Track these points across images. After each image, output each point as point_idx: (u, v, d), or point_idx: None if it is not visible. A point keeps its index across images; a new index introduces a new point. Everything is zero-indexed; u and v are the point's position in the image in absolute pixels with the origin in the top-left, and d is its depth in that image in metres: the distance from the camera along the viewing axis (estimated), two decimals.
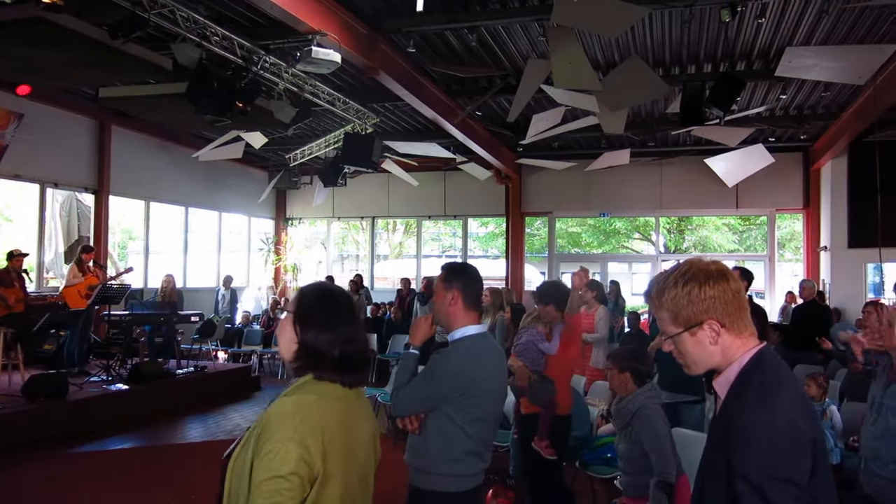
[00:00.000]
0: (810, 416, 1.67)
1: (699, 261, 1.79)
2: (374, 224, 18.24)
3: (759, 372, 1.69)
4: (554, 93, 8.74)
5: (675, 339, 1.78)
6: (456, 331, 2.92)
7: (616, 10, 6.40)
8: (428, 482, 2.85)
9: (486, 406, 2.85)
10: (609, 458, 5.05)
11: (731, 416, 1.65)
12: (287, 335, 2.00)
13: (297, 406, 1.84)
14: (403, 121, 13.03)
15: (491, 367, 2.91)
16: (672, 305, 1.76)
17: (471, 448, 2.82)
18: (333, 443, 1.84)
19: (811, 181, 14.48)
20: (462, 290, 2.93)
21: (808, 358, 8.00)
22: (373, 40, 8.41)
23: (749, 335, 1.76)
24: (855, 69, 7.89)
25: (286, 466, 1.73)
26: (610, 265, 16.78)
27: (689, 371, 1.81)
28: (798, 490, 1.54)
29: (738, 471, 1.56)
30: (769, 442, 1.55)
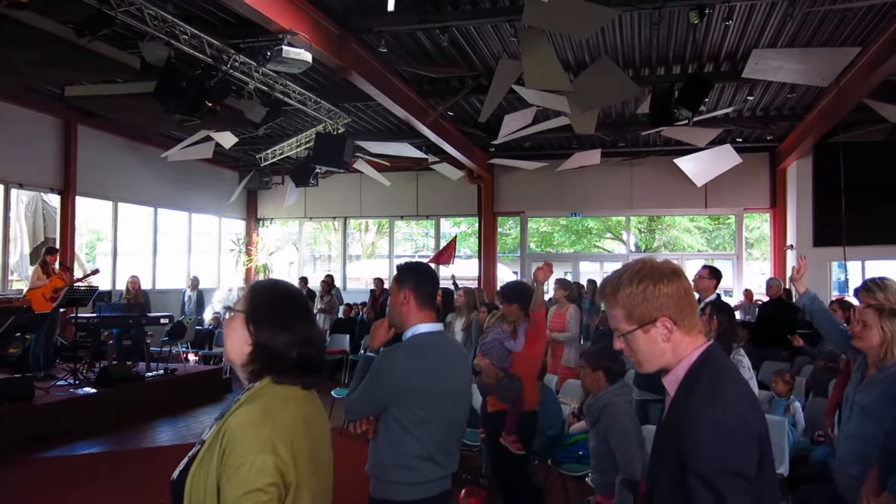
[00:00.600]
0: (757, 410, 1.72)
1: (652, 260, 1.83)
2: (346, 224, 18.17)
3: (708, 369, 1.72)
4: (525, 93, 8.78)
5: (628, 337, 1.80)
6: (408, 330, 2.88)
7: (586, 12, 6.45)
8: (380, 490, 2.76)
9: (431, 407, 2.73)
10: (581, 455, 5.08)
11: (680, 413, 1.68)
12: (238, 336, 1.85)
13: (266, 413, 1.72)
14: (375, 121, 13.00)
15: (437, 367, 2.79)
16: (627, 303, 1.78)
17: (420, 452, 2.70)
18: (301, 449, 1.74)
19: (778, 181, 14.74)
20: (414, 289, 2.88)
21: (774, 355, 8.13)
22: (344, 40, 8.38)
23: (697, 333, 1.79)
24: (819, 71, 8.04)
25: (264, 478, 1.63)
26: (582, 264, 16.90)
27: (640, 369, 1.84)
28: (747, 483, 1.57)
29: (690, 466, 1.58)
30: (719, 437, 1.58)
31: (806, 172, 13.60)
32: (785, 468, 5.16)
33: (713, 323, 4.58)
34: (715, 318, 4.66)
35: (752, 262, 16.00)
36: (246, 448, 1.64)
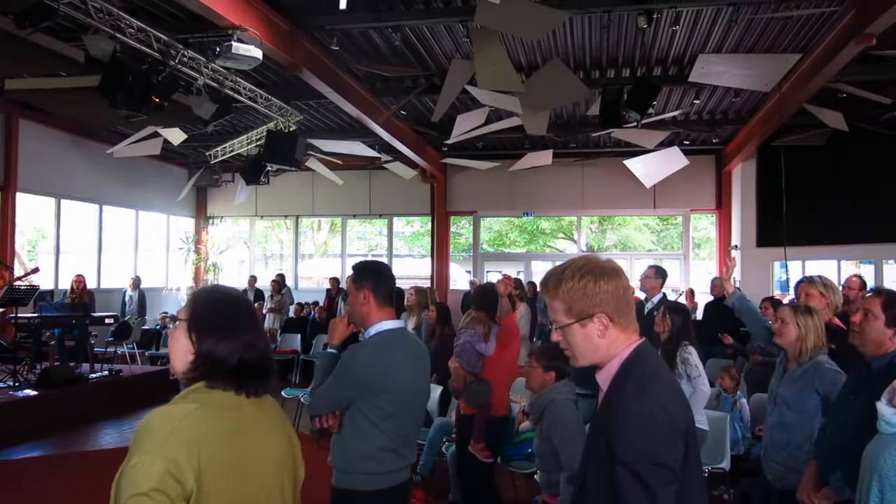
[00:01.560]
0: (684, 406, 1.79)
1: (595, 257, 1.89)
2: (298, 223, 18.01)
3: (639, 365, 1.79)
4: (478, 93, 8.83)
5: (565, 330, 1.85)
6: (371, 327, 2.95)
7: (537, 14, 6.54)
8: (345, 481, 2.85)
9: (398, 401, 2.84)
10: (529, 453, 5.14)
11: (612, 407, 1.74)
12: (182, 345, 1.80)
13: (171, 416, 1.66)
14: (328, 119, 12.91)
15: (402, 361, 2.90)
16: (567, 297, 1.83)
17: (386, 444, 2.81)
18: (213, 458, 1.64)
19: (723, 183, 15.10)
20: (373, 288, 2.95)
21: (719, 352, 8.35)
22: (295, 37, 8.30)
23: (632, 331, 1.85)
24: (762, 77, 8.29)
25: (148, 482, 1.55)
26: (534, 264, 17.06)
27: (575, 363, 1.90)
28: (672, 474, 1.64)
29: (618, 457, 1.64)
30: (646, 429, 1.64)
31: (750, 175, 13.96)
32: (727, 462, 5.31)
33: (667, 322, 4.68)
34: (668, 318, 4.76)
35: (698, 261, 16.37)
36: (142, 449, 1.60)
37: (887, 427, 2.28)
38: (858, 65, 8.77)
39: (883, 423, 2.30)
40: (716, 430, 5.34)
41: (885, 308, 2.95)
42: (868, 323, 2.99)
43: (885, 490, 2.21)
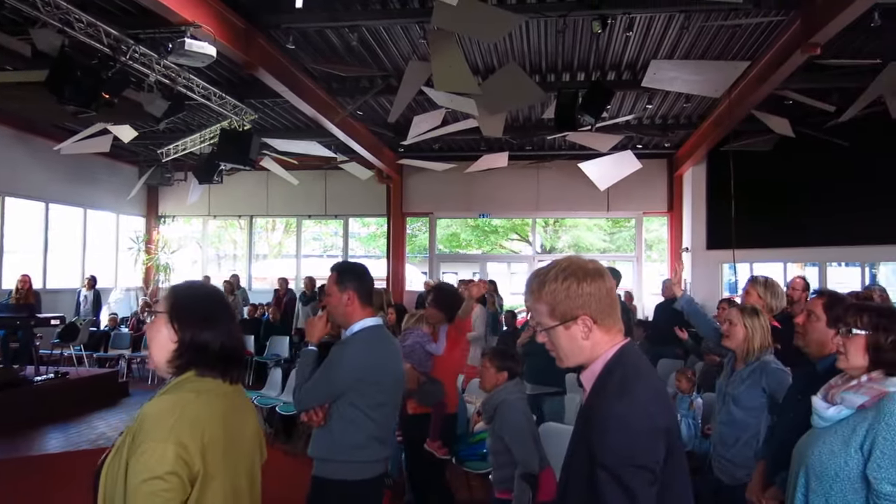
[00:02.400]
0: (666, 406, 1.80)
1: (578, 258, 1.89)
2: (252, 223, 17.80)
3: (621, 366, 1.79)
4: (434, 95, 8.85)
5: (550, 332, 1.86)
6: (355, 324, 3.07)
7: (494, 17, 6.59)
8: (331, 471, 2.96)
9: (386, 391, 3.03)
10: (484, 453, 5.17)
11: (594, 407, 1.74)
12: (162, 336, 1.91)
13: (174, 404, 1.78)
14: (283, 118, 12.79)
15: (388, 355, 3.10)
16: (551, 299, 1.83)
17: (376, 433, 2.97)
18: (214, 441, 1.79)
19: (675, 186, 15.42)
20: (357, 289, 3.08)
21: (669, 352, 8.51)
22: (250, 35, 8.21)
23: (617, 332, 1.86)
24: (712, 83, 8.47)
25: (163, 466, 1.68)
26: (489, 265, 17.16)
27: (561, 363, 1.90)
28: (652, 476, 1.64)
29: (597, 459, 1.64)
30: (626, 431, 1.64)
31: (700, 178, 14.26)
32: None
33: None
34: None
35: (650, 263, 16.64)
36: (151, 436, 1.70)
37: (819, 421, 2.35)
38: (804, 73, 9.03)
39: (816, 417, 2.37)
40: None
41: (827, 309, 3.03)
42: (811, 324, 3.07)
43: (811, 480, 2.28)
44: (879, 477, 2.13)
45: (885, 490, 2.12)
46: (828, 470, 2.24)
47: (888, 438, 2.13)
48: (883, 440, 2.14)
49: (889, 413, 2.15)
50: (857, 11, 6.51)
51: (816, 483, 2.27)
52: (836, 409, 2.29)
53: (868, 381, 2.26)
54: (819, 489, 2.26)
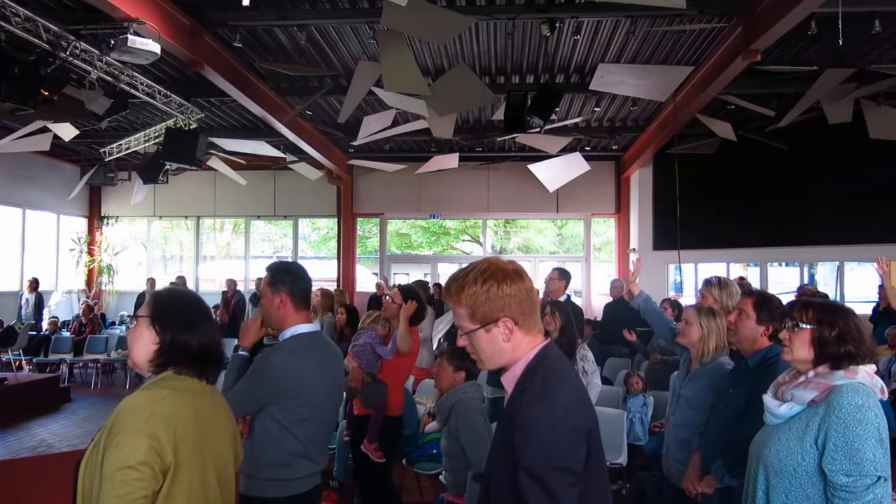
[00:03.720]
0: (587, 407, 1.80)
1: (498, 260, 1.87)
2: (199, 223, 17.47)
3: (543, 367, 1.78)
4: (385, 95, 8.82)
5: (471, 336, 1.84)
6: (286, 330, 2.88)
7: (443, 18, 6.60)
8: (254, 488, 2.78)
9: (312, 406, 2.79)
10: (434, 454, 5.18)
11: (516, 410, 1.73)
12: (145, 338, 2.03)
13: (150, 399, 1.88)
14: (231, 117, 12.59)
15: (317, 367, 2.85)
16: (471, 302, 1.81)
17: (298, 450, 2.75)
18: (187, 435, 1.89)
19: (622, 188, 15.68)
20: (290, 291, 2.88)
21: (616, 351, 8.65)
22: (196, 32, 8.06)
23: (537, 332, 1.86)
24: (657, 87, 8.64)
25: (136, 456, 1.77)
26: (440, 266, 17.17)
27: (482, 366, 1.90)
28: (574, 477, 1.64)
29: (520, 462, 1.64)
30: (548, 434, 1.64)
31: (647, 181, 14.54)
32: (624, 458, 5.51)
33: (556, 321, 4.80)
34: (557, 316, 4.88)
35: (599, 263, 16.87)
36: (126, 428, 1.80)
37: (772, 418, 2.42)
38: (746, 78, 9.29)
39: (768, 415, 2.43)
40: (613, 426, 5.54)
41: (757, 307, 3.15)
42: (742, 321, 3.18)
43: (771, 477, 2.35)
44: (834, 469, 2.19)
45: (840, 482, 2.18)
46: (786, 466, 2.30)
47: (839, 431, 2.19)
48: (835, 433, 2.20)
49: (838, 406, 2.22)
50: (795, 20, 6.72)
51: (776, 480, 2.33)
52: (787, 406, 2.35)
53: (815, 377, 2.33)
54: (779, 486, 2.32)
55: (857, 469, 2.17)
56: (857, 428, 2.18)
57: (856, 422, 2.19)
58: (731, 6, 7.55)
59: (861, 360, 2.32)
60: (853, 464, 2.17)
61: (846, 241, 11.46)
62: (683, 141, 12.07)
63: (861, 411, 2.20)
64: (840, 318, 2.37)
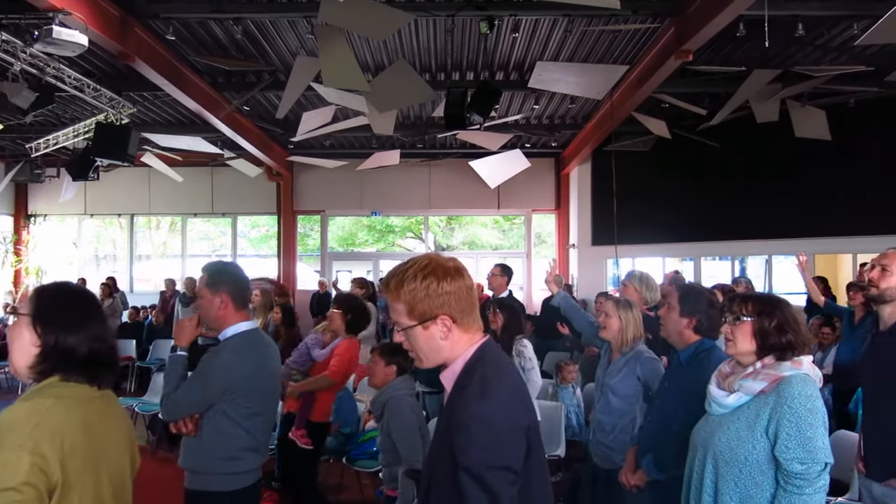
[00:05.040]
0: (526, 404, 1.82)
1: (438, 257, 1.86)
2: (132, 221, 17.01)
3: (481, 365, 1.78)
4: (324, 91, 8.74)
5: (408, 332, 1.83)
6: (227, 329, 2.93)
7: (382, 14, 6.55)
8: (204, 482, 2.85)
9: (261, 400, 2.91)
10: (374, 452, 5.18)
11: (456, 408, 1.73)
12: (24, 339, 1.81)
13: (32, 410, 1.69)
14: (165, 112, 12.26)
15: (263, 362, 2.97)
16: (410, 298, 1.80)
17: (249, 443, 2.86)
18: (75, 449, 1.71)
19: (562, 185, 15.91)
20: (230, 292, 2.92)
21: (556, 346, 8.78)
22: (127, 24, 7.81)
23: (476, 330, 1.85)
24: (594, 85, 8.80)
25: (17, 477, 1.59)
26: (382, 263, 17.11)
27: (420, 364, 1.88)
28: (514, 476, 1.65)
29: (460, 462, 1.64)
30: (488, 433, 1.65)
31: (585, 177, 14.77)
32: (562, 450, 5.60)
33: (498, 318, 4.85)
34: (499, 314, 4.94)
35: (540, 259, 17.06)
36: (6, 445, 1.63)
37: (717, 408, 2.49)
38: (679, 78, 9.51)
39: (713, 405, 2.50)
40: (552, 419, 5.63)
41: (681, 300, 3.24)
42: (667, 314, 3.28)
43: (720, 466, 2.42)
44: (789, 457, 2.27)
45: (795, 469, 2.26)
46: (737, 455, 2.36)
47: (792, 420, 2.28)
48: (787, 422, 2.28)
49: (789, 396, 2.30)
50: (724, 21, 6.91)
51: (726, 468, 2.39)
52: (735, 396, 2.42)
53: (763, 368, 2.41)
54: (728, 474, 2.38)
55: (810, 456, 2.25)
56: (808, 417, 2.27)
57: (807, 411, 2.28)
58: (663, 7, 7.72)
59: (800, 349, 2.42)
60: (806, 452, 2.26)
61: (773, 235, 11.86)
62: (620, 138, 12.31)
63: (811, 401, 2.29)
64: (778, 309, 2.47)
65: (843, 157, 10.72)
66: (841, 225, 11.04)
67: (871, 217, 10.58)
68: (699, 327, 3.16)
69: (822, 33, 8.41)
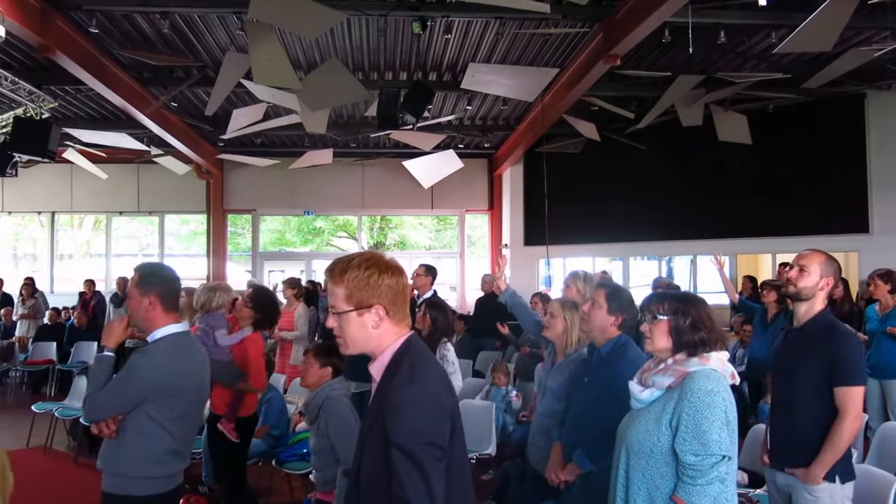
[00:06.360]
0: (450, 389, 1.97)
1: (381, 254, 2.02)
2: (54, 219, 16.38)
3: (409, 355, 1.93)
4: (255, 89, 8.61)
5: (342, 317, 1.95)
6: (157, 331, 2.91)
7: (314, 12, 6.49)
8: (121, 486, 2.81)
9: (187, 403, 2.89)
10: (305, 453, 5.12)
11: (386, 393, 1.86)
12: None
13: None
14: (88, 107, 11.84)
15: (189, 365, 2.94)
16: (351, 284, 1.93)
17: (173, 447, 2.83)
18: None
19: (495, 185, 16.08)
20: (160, 294, 2.91)
21: (488, 345, 8.86)
22: (47, 15, 7.53)
23: (405, 325, 2.00)
24: (525, 87, 8.93)
25: None
26: (314, 263, 16.95)
27: (345, 350, 2.00)
28: (441, 452, 1.81)
29: (392, 440, 1.77)
30: (417, 412, 1.80)
31: (518, 178, 14.96)
32: (493, 448, 5.66)
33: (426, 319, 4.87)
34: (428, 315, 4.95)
35: (473, 259, 17.19)
36: None
37: (636, 403, 2.59)
38: (608, 82, 9.75)
39: (633, 400, 2.60)
40: (483, 418, 5.69)
41: (608, 299, 3.34)
42: (594, 311, 3.37)
43: (630, 457, 2.52)
44: (684, 449, 2.38)
45: (689, 461, 2.37)
46: (644, 447, 2.47)
47: (690, 414, 2.38)
48: (686, 416, 2.39)
49: (690, 391, 2.41)
50: (650, 27, 7.13)
51: (635, 460, 2.50)
52: (649, 391, 2.53)
53: (673, 364, 2.52)
54: (637, 465, 2.49)
55: (704, 449, 2.36)
56: (705, 411, 2.37)
57: (705, 406, 2.38)
58: (592, 13, 7.89)
59: (713, 346, 2.52)
60: (700, 444, 2.36)
61: (698, 235, 12.28)
62: (551, 140, 12.51)
63: (710, 396, 2.39)
64: (692, 307, 2.58)
65: (763, 161, 11.20)
66: (761, 226, 11.54)
67: (790, 218, 11.08)
68: (623, 325, 3.29)
69: (743, 41, 8.76)
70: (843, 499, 3.04)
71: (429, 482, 1.74)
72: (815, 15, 6.35)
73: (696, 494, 2.36)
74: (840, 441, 2.99)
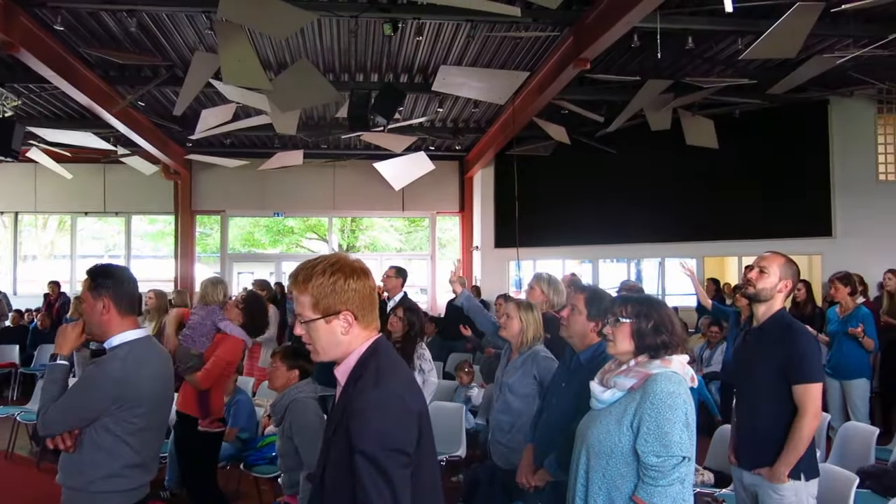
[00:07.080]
0: (417, 393, 1.94)
1: (346, 257, 1.96)
2: (17, 220, 16.06)
3: (375, 358, 1.89)
4: (224, 89, 8.52)
5: (310, 325, 1.91)
6: (113, 338, 2.73)
7: (284, 12, 6.44)
8: (82, 501, 2.66)
9: (149, 414, 2.71)
10: (273, 457, 5.09)
11: (351, 397, 1.82)
12: None
13: None
14: (53, 105, 11.63)
15: (154, 373, 2.76)
16: (316, 292, 1.88)
17: (135, 461, 2.67)
18: None
19: (466, 187, 16.12)
20: (113, 297, 2.73)
21: (458, 347, 8.89)
22: (11, 12, 7.37)
23: (374, 328, 1.96)
24: (496, 90, 8.96)
25: None
26: (284, 264, 16.83)
27: (316, 357, 1.96)
28: (407, 458, 1.77)
29: (356, 446, 1.73)
30: (382, 417, 1.75)
31: (489, 180, 14.99)
32: (462, 450, 5.67)
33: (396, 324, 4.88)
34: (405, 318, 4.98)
35: (444, 261, 17.20)
36: None
37: (597, 403, 2.61)
38: (578, 86, 9.85)
39: (594, 400, 2.63)
40: (452, 420, 5.69)
41: (588, 304, 3.34)
42: (573, 317, 3.37)
43: (591, 457, 2.54)
44: (646, 450, 2.41)
45: (650, 462, 2.40)
46: (604, 447, 2.49)
47: (652, 415, 2.41)
48: (648, 417, 2.41)
49: (652, 392, 2.43)
50: (620, 32, 7.18)
51: (595, 460, 2.52)
52: (610, 392, 2.55)
53: (635, 366, 2.54)
54: (597, 465, 2.51)
55: (665, 450, 2.39)
56: (667, 413, 2.40)
57: (666, 407, 2.41)
58: (563, 17, 7.93)
59: (675, 349, 2.56)
60: (662, 445, 2.39)
61: (666, 238, 12.43)
62: (522, 143, 12.57)
63: (672, 398, 2.42)
64: (654, 310, 2.62)
65: (730, 165, 11.37)
66: (727, 229, 11.71)
67: (755, 221, 11.27)
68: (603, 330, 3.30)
69: (711, 47, 8.90)
70: (808, 496, 3.10)
71: (394, 489, 1.71)
72: (780, 22, 6.47)
73: (658, 495, 2.39)
74: (801, 439, 3.05)
